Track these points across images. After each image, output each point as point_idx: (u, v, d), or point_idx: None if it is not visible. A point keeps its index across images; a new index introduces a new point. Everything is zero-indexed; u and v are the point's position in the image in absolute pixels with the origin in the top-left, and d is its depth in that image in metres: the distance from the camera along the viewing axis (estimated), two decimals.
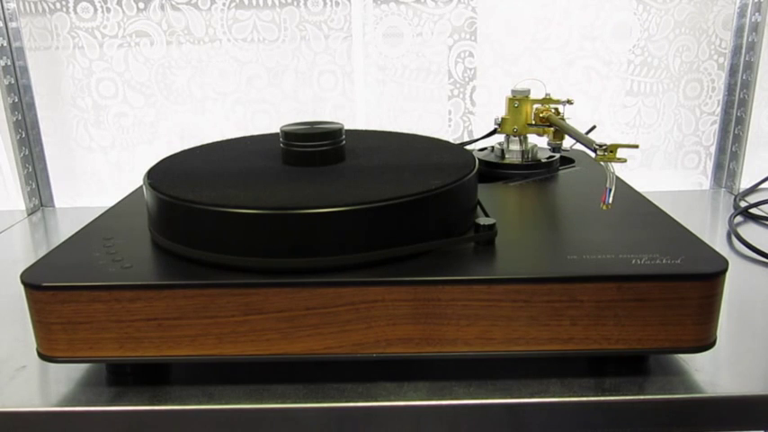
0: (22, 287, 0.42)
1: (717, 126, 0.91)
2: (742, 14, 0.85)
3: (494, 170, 0.64)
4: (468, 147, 0.68)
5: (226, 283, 0.41)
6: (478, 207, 0.54)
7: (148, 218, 0.50)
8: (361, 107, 0.90)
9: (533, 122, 0.65)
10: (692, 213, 0.83)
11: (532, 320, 0.42)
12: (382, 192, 0.44)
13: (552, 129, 0.64)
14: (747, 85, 0.86)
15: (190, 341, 0.42)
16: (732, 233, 0.71)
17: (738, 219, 0.77)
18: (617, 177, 0.49)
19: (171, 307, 0.41)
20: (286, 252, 0.42)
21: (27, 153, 0.88)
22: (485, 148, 0.70)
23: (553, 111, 0.64)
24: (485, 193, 0.57)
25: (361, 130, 0.67)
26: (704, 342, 0.43)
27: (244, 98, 0.89)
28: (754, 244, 0.66)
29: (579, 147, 0.59)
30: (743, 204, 0.81)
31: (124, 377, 0.46)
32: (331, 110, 0.89)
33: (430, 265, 0.43)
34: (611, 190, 0.47)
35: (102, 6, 0.84)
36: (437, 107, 0.90)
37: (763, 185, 0.88)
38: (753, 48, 0.85)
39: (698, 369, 0.46)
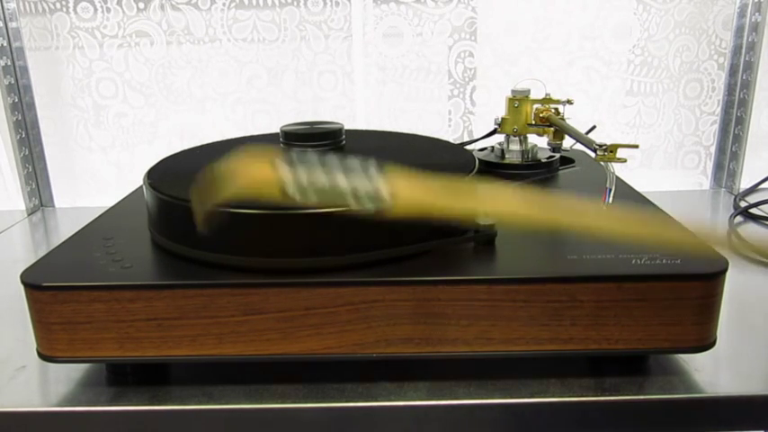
0: (22, 287, 0.42)
1: (717, 126, 0.91)
2: (742, 14, 0.85)
3: (494, 170, 0.64)
4: (468, 147, 0.68)
5: (226, 283, 0.41)
6: None
7: (148, 218, 0.50)
8: (361, 107, 0.90)
9: (533, 122, 0.64)
10: (692, 213, 0.83)
11: (532, 320, 0.42)
12: None
13: (552, 129, 0.64)
14: (747, 85, 0.86)
15: (190, 341, 0.42)
16: (732, 233, 0.71)
17: (738, 219, 0.77)
18: (617, 177, 0.49)
19: (171, 307, 0.41)
20: (286, 252, 0.42)
21: (27, 153, 0.88)
22: (485, 148, 0.70)
23: (553, 111, 0.64)
24: None
25: (361, 130, 0.67)
26: (704, 342, 0.43)
27: (244, 98, 0.89)
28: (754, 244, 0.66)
29: (579, 147, 0.59)
30: (743, 204, 0.81)
31: (124, 377, 0.46)
32: (331, 110, 0.89)
33: (430, 265, 0.43)
34: (611, 190, 0.47)
35: (102, 6, 0.84)
36: (437, 107, 0.90)
37: (763, 185, 0.88)
38: (753, 48, 0.85)
39: (698, 369, 0.46)
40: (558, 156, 0.66)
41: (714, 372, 0.45)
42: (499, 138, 0.68)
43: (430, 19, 0.86)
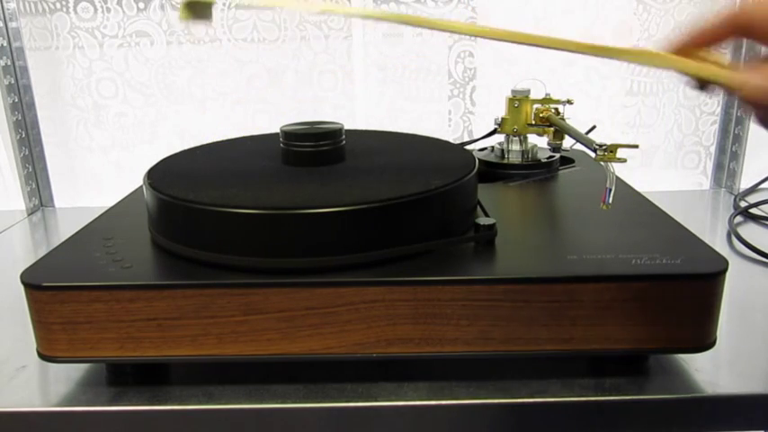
0: (22, 287, 0.42)
1: (717, 126, 0.91)
2: None
3: (494, 170, 0.64)
4: (468, 147, 0.68)
5: (226, 283, 0.41)
6: (478, 207, 0.54)
7: (148, 218, 0.50)
8: (361, 107, 0.90)
9: (533, 122, 0.64)
10: (692, 213, 0.83)
11: (532, 320, 0.42)
12: (382, 192, 0.44)
13: (552, 129, 0.64)
14: None
15: (190, 341, 0.42)
16: (732, 233, 0.71)
17: (738, 219, 0.77)
18: (617, 177, 0.49)
19: (171, 307, 0.41)
20: (286, 252, 0.42)
21: (27, 153, 0.88)
22: (485, 148, 0.70)
23: (553, 111, 0.64)
24: (485, 193, 0.57)
25: (361, 130, 0.67)
26: (704, 342, 0.43)
27: (244, 98, 0.89)
28: (754, 244, 0.66)
29: (579, 147, 0.59)
30: (743, 204, 0.81)
31: (124, 377, 0.46)
32: (331, 110, 0.89)
33: (430, 265, 0.43)
34: (611, 190, 0.47)
35: (102, 6, 0.84)
36: (437, 107, 0.90)
37: (763, 185, 0.88)
38: (753, 47, 0.84)
39: (698, 369, 0.46)
40: (558, 156, 0.66)
41: (714, 372, 0.45)
42: (499, 138, 0.68)
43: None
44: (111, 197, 0.61)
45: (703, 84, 0.35)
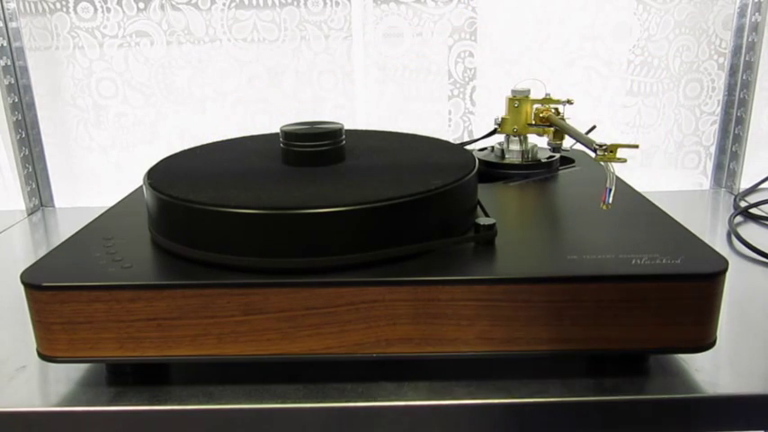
0: (22, 287, 0.42)
1: (717, 126, 0.91)
2: (742, 14, 0.85)
3: (494, 170, 0.64)
4: (468, 147, 0.68)
5: (226, 283, 0.41)
6: (478, 207, 0.54)
7: (148, 218, 0.50)
8: (361, 107, 0.90)
9: (533, 122, 0.64)
10: (692, 213, 0.83)
11: (532, 320, 0.42)
12: (382, 192, 0.44)
13: (552, 129, 0.64)
14: (747, 85, 0.86)
15: (190, 341, 0.42)
16: (732, 233, 0.71)
17: (738, 219, 0.77)
18: (617, 177, 0.49)
19: (171, 307, 0.41)
20: (286, 252, 0.42)
21: (27, 153, 0.88)
22: (485, 148, 0.70)
23: (553, 111, 0.64)
24: (485, 193, 0.57)
25: (361, 130, 0.67)
26: (704, 342, 0.43)
27: (244, 98, 0.89)
28: (754, 244, 0.66)
29: (579, 147, 0.59)
30: (743, 204, 0.81)
31: (124, 377, 0.46)
32: (331, 110, 0.89)
33: (430, 265, 0.43)
34: (611, 190, 0.47)
35: (102, 6, 0.84)
36: (437, 107, 0.90)
37: (763, 185, 0.88)
38: (753, 48, 0.85)
39: (698, 369, 0.46)
40: (558, 156, 0.66)
41: (714, 372, 0.45)
42: (499, 138, 0.68)
43: (430, 19, 0.86)
44: (111, 197, 0.61)
45: None
